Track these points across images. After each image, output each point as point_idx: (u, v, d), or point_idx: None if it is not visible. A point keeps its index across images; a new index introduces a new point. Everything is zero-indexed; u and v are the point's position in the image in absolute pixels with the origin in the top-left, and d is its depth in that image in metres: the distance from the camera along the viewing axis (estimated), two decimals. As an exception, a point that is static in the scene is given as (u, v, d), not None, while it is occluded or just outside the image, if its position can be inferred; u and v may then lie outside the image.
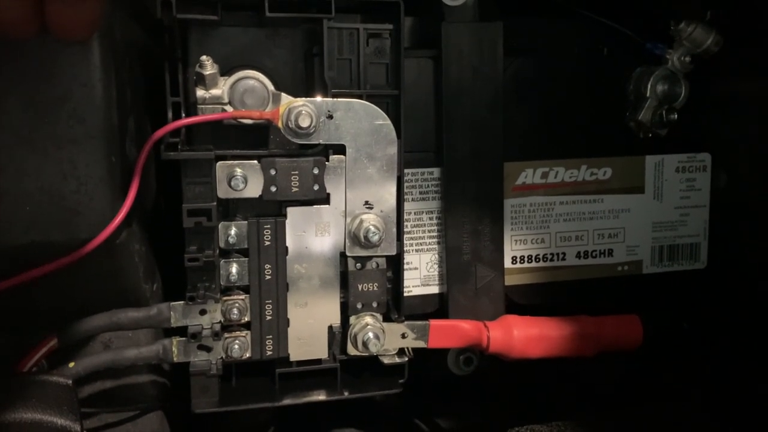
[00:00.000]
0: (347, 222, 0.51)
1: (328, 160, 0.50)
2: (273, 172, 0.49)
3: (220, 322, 0.49)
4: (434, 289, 0.59)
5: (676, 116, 0.62)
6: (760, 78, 0.64)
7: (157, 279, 0.53)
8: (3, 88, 0.41)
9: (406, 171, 0.53)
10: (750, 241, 0.66)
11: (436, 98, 0.57)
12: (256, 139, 0.50)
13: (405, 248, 0.54)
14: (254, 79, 0.49)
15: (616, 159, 0.64)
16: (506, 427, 0.59)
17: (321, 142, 0.49)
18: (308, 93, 0.51)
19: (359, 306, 0.52)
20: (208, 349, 0.49)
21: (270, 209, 0.51)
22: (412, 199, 0.58)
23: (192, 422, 0.53)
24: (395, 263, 0.53)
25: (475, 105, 0.57)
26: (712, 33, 0.61)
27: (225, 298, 0.50)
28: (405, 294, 0.55)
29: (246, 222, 0.50)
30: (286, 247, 0.50)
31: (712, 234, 0.67)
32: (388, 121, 0.50)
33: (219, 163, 0.48)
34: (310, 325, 0.52)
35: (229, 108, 0.48)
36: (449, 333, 0.55)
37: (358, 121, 0.49)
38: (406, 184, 0.55)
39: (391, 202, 0.51)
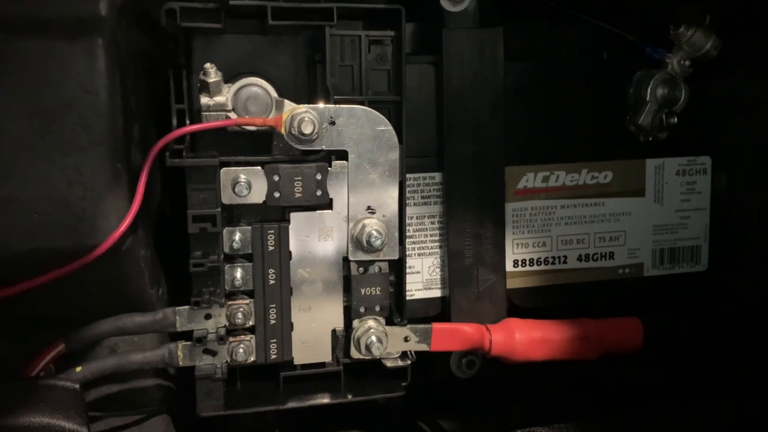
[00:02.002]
0: (350, 227, 0.51)
1: (330, 166, 0.50)
2: (276, 178, 0.49)
3: (225, 326, 0.50)
4: (436, 293, 0.60)
5: (676, 120, 0.62)
6: (759, 81, 0.65)
7: (162, 284, 0.53)
8: (9, 96, 0.41)
9: (408, 176, 0.54)
10: (750, 243, 0.66)
11: (438, 103, 0.57)
12: (259, 145, 0.50)
13: (407, 252, 0.55)
14: (257, 86, 0.49)
15: (616, 163, 0.64)
16: (508, 430, 0.59)
17: (323, 148, 0.49)
18: (311, 99, 0.51)
19: (362, 310, 0.53)
20: (213, 353, 0.50)
21: (274, 214, 0.51)
22: (414, 204, 0.58)
23: (197, 425, 0.53)
24: (397, 267, 0.54)
25: (476, 110, 0.57)
26: (711, 37, 0.62)
27: (230, 302, 0.50)
28: (407, 298, 0.56)
29: (250, 227, 0.50)
30: (290, 252, 0.51)
31: (713, 236, 0.67)
32: (390, 127, 0.50)
33: (223, 170, 0.48)
34: (313, 328, 0.52)
35: (232, 115, 0.48)
36: (452, 336, 0.55)
37: (360, 127, 0.50)
38: (408, 189, 0.55)
39: (393, 206, 0.52)
